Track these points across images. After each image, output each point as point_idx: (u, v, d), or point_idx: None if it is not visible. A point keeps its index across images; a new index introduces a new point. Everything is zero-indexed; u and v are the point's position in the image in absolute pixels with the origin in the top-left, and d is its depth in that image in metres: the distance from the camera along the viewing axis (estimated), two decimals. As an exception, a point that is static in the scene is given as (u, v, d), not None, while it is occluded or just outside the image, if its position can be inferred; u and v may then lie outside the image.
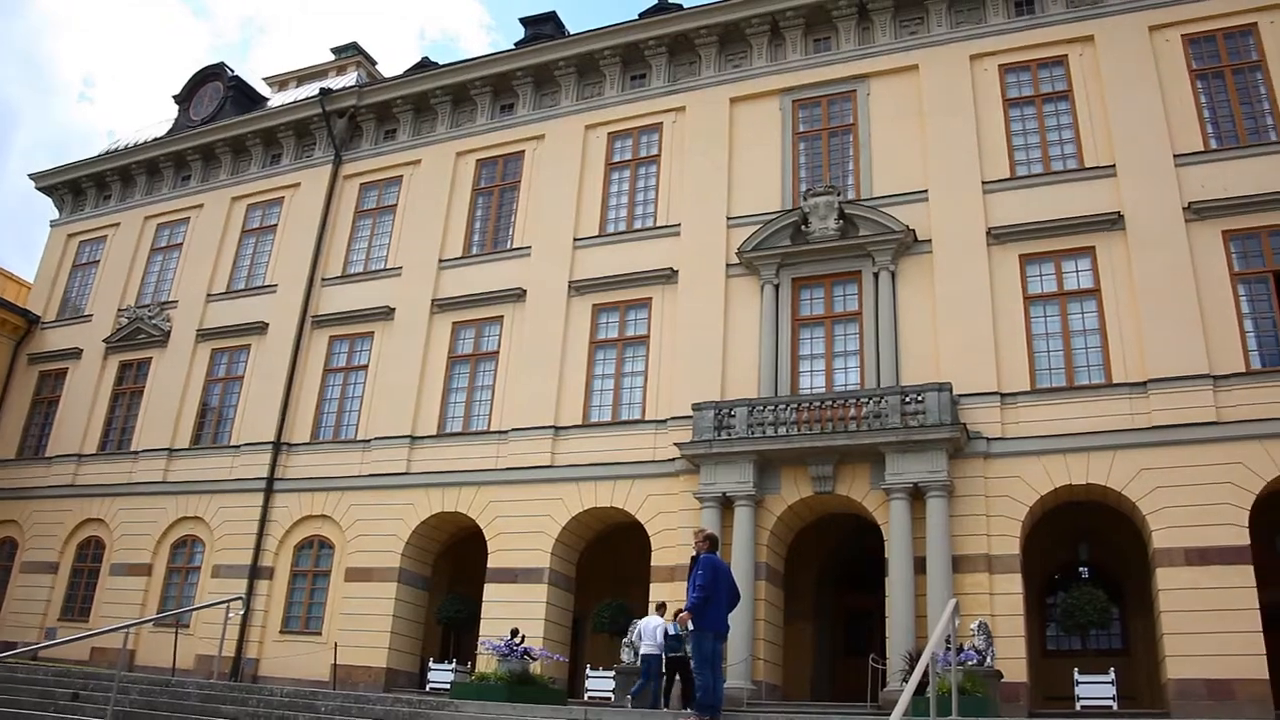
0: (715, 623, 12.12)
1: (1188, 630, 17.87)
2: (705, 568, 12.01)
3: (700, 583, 11.90)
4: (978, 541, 19.60)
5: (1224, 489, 18.55)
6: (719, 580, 12.08)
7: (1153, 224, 20.76)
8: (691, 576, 12.17)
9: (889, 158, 23.55)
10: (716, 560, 12.21)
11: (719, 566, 12.18)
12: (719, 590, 12.08)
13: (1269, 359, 19.61)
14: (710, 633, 12.06)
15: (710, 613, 11.98)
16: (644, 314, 24.28)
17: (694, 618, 11.88)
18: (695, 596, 11.87)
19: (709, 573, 11.96)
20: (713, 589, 11.92)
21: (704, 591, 11.84)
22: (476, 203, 27.87)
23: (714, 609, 12.02)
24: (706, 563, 12.06)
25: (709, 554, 12.20)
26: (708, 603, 11.89)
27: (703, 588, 11.86)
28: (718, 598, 12.07)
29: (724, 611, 12.27)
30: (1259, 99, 21.61)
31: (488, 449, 24.44)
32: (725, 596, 12.24)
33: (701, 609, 11.87)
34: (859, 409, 20.54)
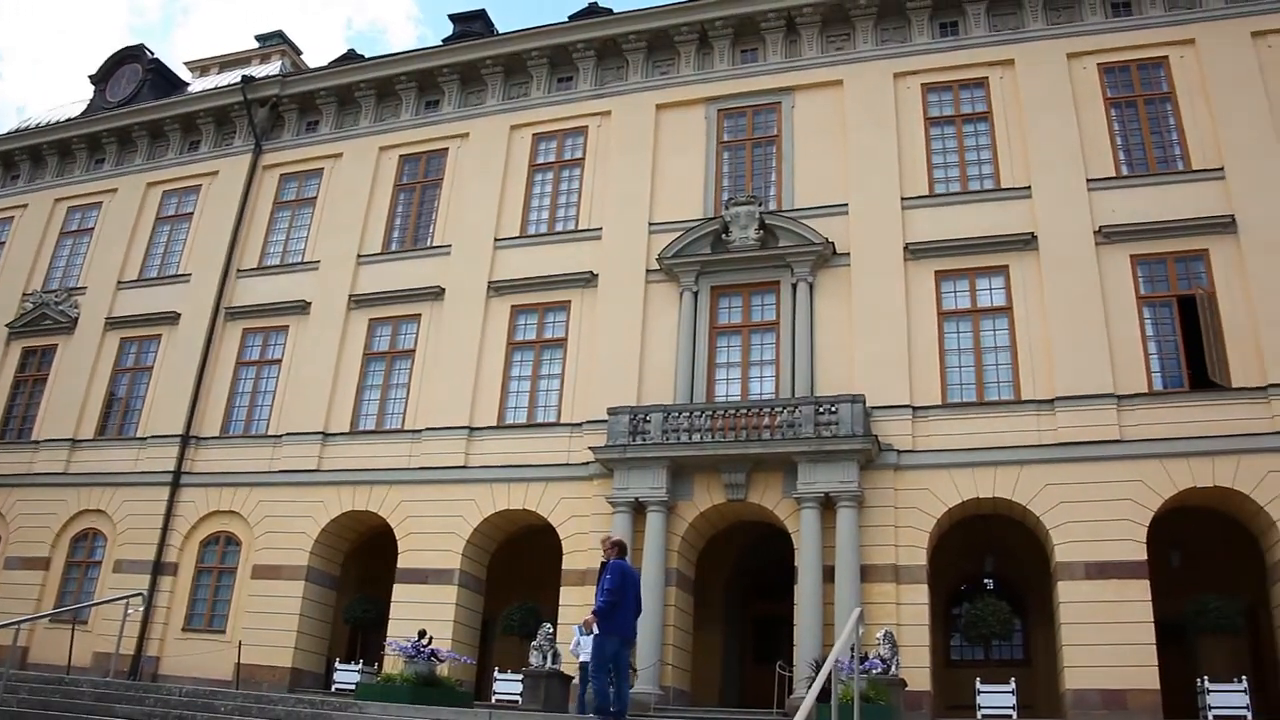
0: (621, 627, 12.22)
1: (1086, 642, 18.44)
2: (613, 573, 12.11)
3: (608, 587, 12.00)
4: (886, 552, 19.93)
5: (1124, 505, 19.15)
6: (626, 586, 12.18)
7: (1064, 245, 21.32)
8: (600, 582, 12.20)
9: (811, 170, 23.85)
10: (625, 566, 12.31)
11: (627, 572, 12.28)
12: (626, 596, 12.16)
13: (1170, 381, 20.28)
14: (615, 637, 12.13)
15: (617, 618, 12.07)
16: (562, 317, 24.24)
17: (600, 622, 11.92)
18: (602, 601, 11.95)
19: (617, 578, 12.07)
20: (620, 594, 12.03)
21: (611, 596, 11.93)
22: (398, 199, 27.58)
23: (621, 614, 12.13)
24: (615, 568, 12.16)
25: (618, 560, 12.28)
26: (615, 608, 11.98)
27: (610, 592, 11.95)
28: (625, 603, 12.17)
29: (631, 617, 12.38)
30: (1168, 129, 22.31)
31: (401, 448, 24.20)
32: (632, 602, 12.29)
33: (608, 614, 11.95)
34: (773, 418, 20.73)
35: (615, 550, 12.48)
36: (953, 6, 24.35)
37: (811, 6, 24.80)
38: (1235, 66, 22.03)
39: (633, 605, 12.38)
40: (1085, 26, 23.46)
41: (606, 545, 12.64)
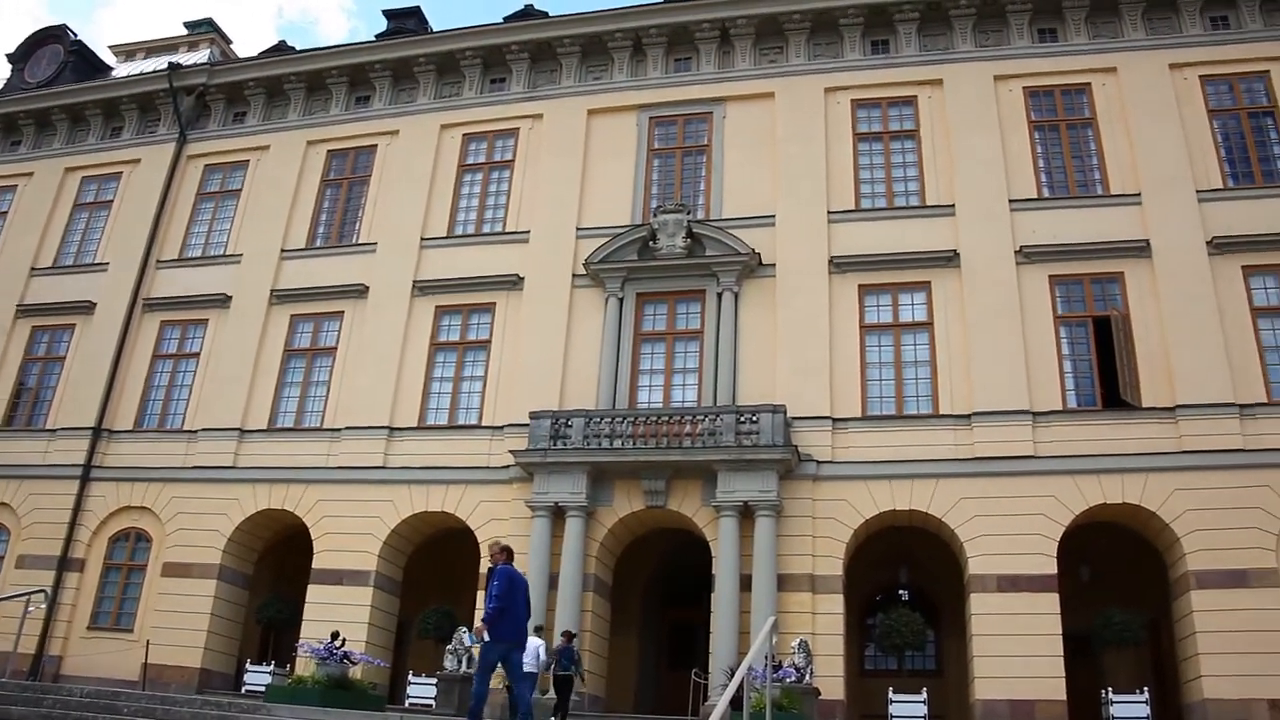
0: (510, 633, 12.16)
1: (996, 653, 18.86)
2: (500, 579, 12.06)
3: (496, 593, 11.93)
4: (803, 561, 20.15)
5: (1037, 520, 19.64)
6: (514, 591, 12.13)
7: (986, 264, 21.77)
8: (488, 588, 12.15)
9: (740, 181, 24.03)
10: (513, 572, 12.28)
11: (515, 578, 12.25)
12: (515, 601, 12.11)
13: (1084, 399, 20.81)
14: (503, 643, 12.09)
15: (505, 623, 12.01)
16: (487, 319, 24.12)
17: (489, 629, 11.87)
18: (492, 607, 11.89)
19: (504, 584, 12.01)
20: (508, 600, 11.96)
21: (500, 602, 11.87)
22: (324, 194, 27.21)
23: (509, 620, 12.05)
24: (502, 574, 12.12)
25: (505, 565, 12.24)
26: (503, 613, 11.91)
27: (498, 598, 11.89)
28: (513, 609, 12.10)
29: (520, 622, 12.33)
30: (1089, 153, 22.89)
31: (319, 446, 23.87)
32: (522, 607, 12.29)
33: (497, 619, 11.88)
34: (695, 426, 20.83)
35: (503, 555, 12.44)
36: (885, 25, 24.71)
37: (745, 18, 25.00)
38: (1154, 96, 22.69)
39: (522, 610, 12.34)
40: (1011, 50, 23.99)
41: (495, 550, 12.57)
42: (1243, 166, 22.24)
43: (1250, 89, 22.91)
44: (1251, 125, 22.60)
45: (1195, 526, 19.06)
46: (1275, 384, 20.16)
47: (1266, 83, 22.79)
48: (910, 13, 24.38)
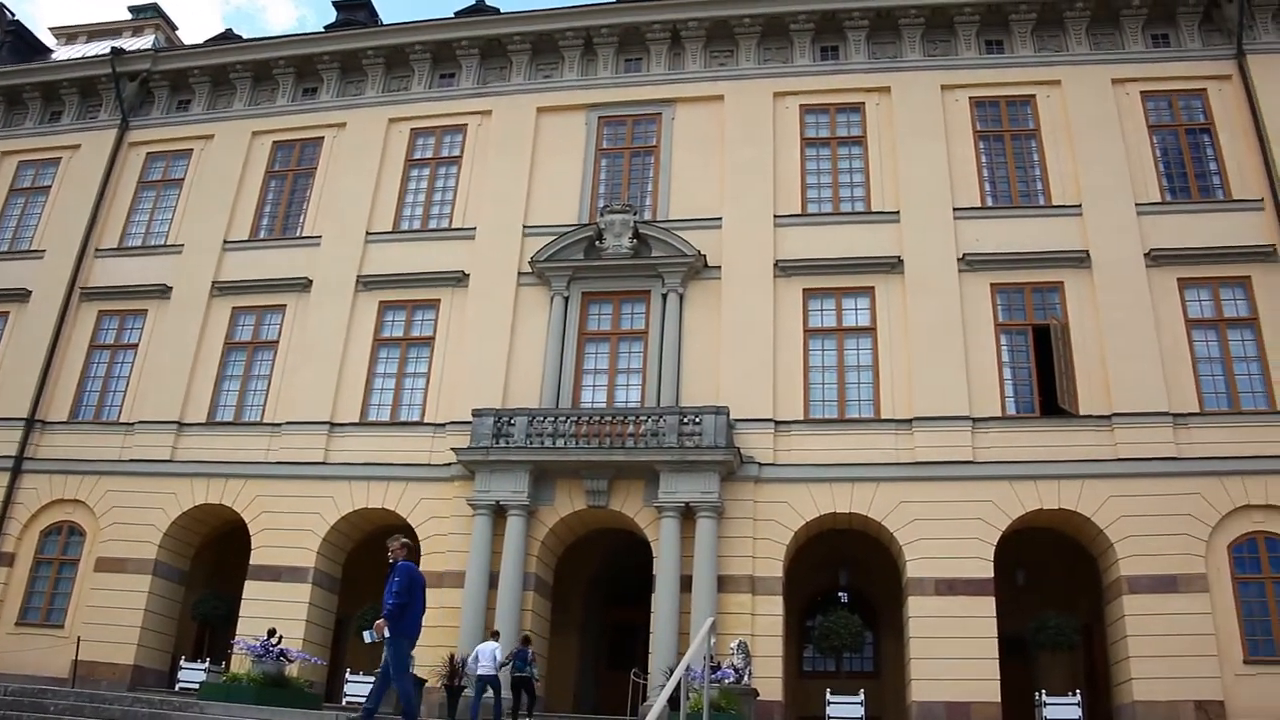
0: (411, 629, 12.20)
1: (933, 656, 19.13)
2: (402, 575, 12.02)
3: (396, 590, 11.91)
4: (743, 563, 20.27)
5: (974, 524, 19.96)
6: (415, 588, 12.14)
7: (929, 271, 22.03)
8: (388, 584, 12.15)
9: (688, 182, 24.13)
10: (413, 568, 12.29)
11: (415, 575, 12.25)
12: (415, 598, 12.15)
13: (1023, 406, 21.19)
14: (407, 639, 12.13)
15: (407, 619, 12.04)
16: (431, 315, 23.98)
17: (389, 625, 11.85)
18: (392, 604, 11.87)
19: (405, 580, 11.98)
20: (409, 596, 11.97)
21: (400, 599, 11.87)
22: (269, 185, 26.88)
23: (410, 616, 12.08)
24: (403, 570, 12.09)
25: (406, 562, 12.24)
26: (405, 609, 11.93)
27: (399, 595, 11.87)
28: (414, 605, 12.13)
29: (419, 619, 12.38)
30: (1032, 164, 23.27)
31: (259, 441, 23.58)
32: (420, 604, 12.33)
33: (399, 616, 11.89)
34: (638, 426, 20.87)
35: (404, 551, 12.42)
36: (835, 32, 24.92)
37: (697, 21, 25.07)
38: (1096, 110, 23.13)
39: (420, 607, 12.37)
40: (959, 60, 24.30)
41: (395, 546, 12.53)
42: (1180, 181, 22.74)
43: (1188, 106, 23.43)
44: (1189, 142, 23.13)
45: (1128, 532, 19.48)
46: (1207, 394, 20.67)
47: (1204, 101, 23.32)
48: (860, 20, 24.60)
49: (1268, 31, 23.44)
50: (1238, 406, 20.55)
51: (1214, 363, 20.97)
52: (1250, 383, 20.75)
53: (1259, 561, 19.37)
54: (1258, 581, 19.24)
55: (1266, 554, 19.40)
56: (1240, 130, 22.78)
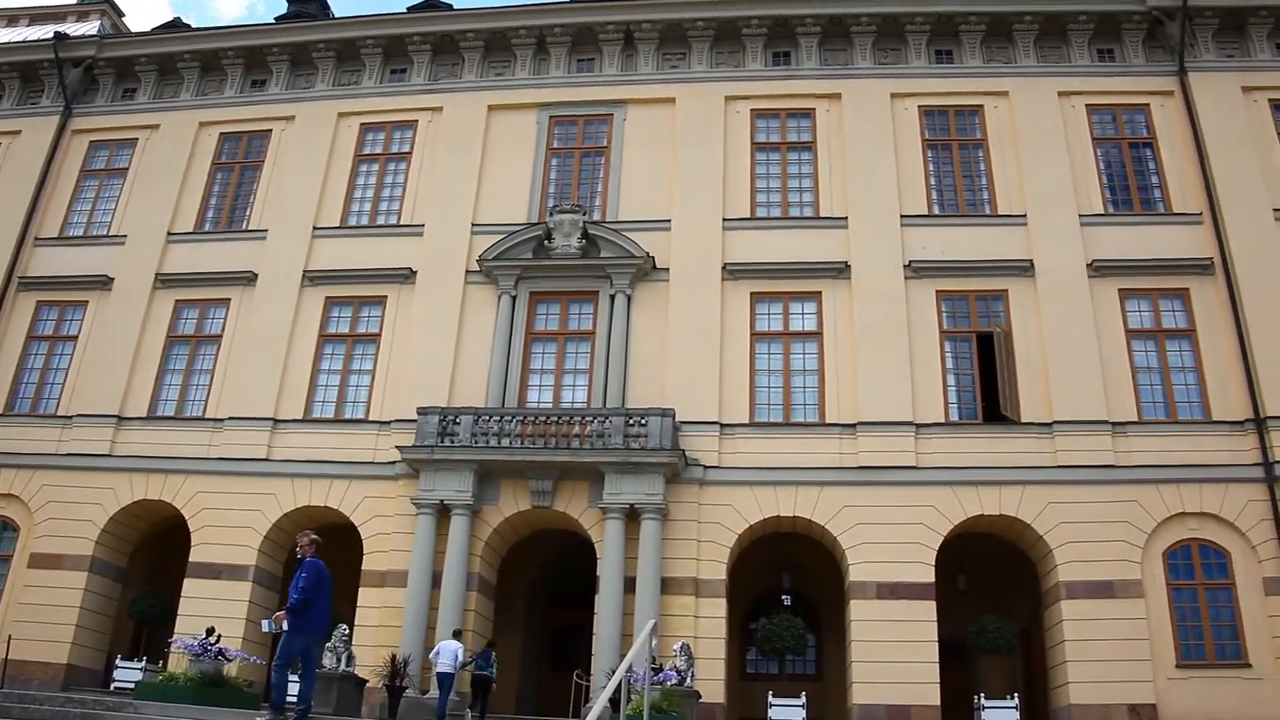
0: (316, 625, 12.26)
1: (874, 659, 19.33)
2: (310, 571, 12.13)
3: (303, 585, 11.99)
4: (687, 565, 20.33)
5: (916, 529, 20.19)
6: (322, 584, 12.21)
7: (876, 277, 22.25)
8: (295, 578, 12.17)
9: (638, 184, 24.16)
10: (321, 566, 12.35)
11: (323, 572, 12.31)
12: (321, 594, 12.18)
13: (965, 413, 21.46)
14: (305, 635, 12.18)
15: (310, 615, 12.07)
16: (378, 312, 23.79)
17: (291, 618, 11.89)
18: (297, 598, 11.95)
19: (313, 576, 12.10)
20: (315, 592, 12.04)
21: (306, 594, 11.94)
22: (215, 177, 26.46)
23: (315, 611, 12.13)
24: (311, 566, 12.18)
25: (315, 559, 12.28)
26: (309, 605, 11.98)
27: (305, 590, 11.95)
28: (319, 601, 12.16)
29: (325, 615, 12.42)
30: (979, 173, 23.57)
31: (200, 436, 23.22)
32: (326, 600, 12.35)
33: (302, 611, 11.94)
34: (583, 427, 20.85)
35: (313, 547, 12.49)
36: (787, 38, 25.06)
37: (650, 23, 25.10)
38: (1042, 121, 23.51)
39: (326, 604, 12.42)
40: (909, 69, 24.55)
41: (305, 542, 12.59)
42: (1122, 194, 23.15)
43: (1132, 120, 23.86)
44: (1132, 155, 23.57)
45: (1067, 539, 19.81)
46: (1146, 404, 21.09)
47: (1147, 115, 23.77)
48: (812, 27, 24.76)
49: (1208, 50, 23.94)
50: (1175, 416, 20.97)
51: (1152, 373, 21.37)
52: (1187, 393, 21.19)
53: (1192, 568, 19.81)
54: (1191, 588, 19.66)
55: (1200, 561, 19.84)
56: (1181, 145, 23.24)
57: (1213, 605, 19.52)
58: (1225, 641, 19.24)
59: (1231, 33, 24.13)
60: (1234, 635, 19.23)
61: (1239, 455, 20.36)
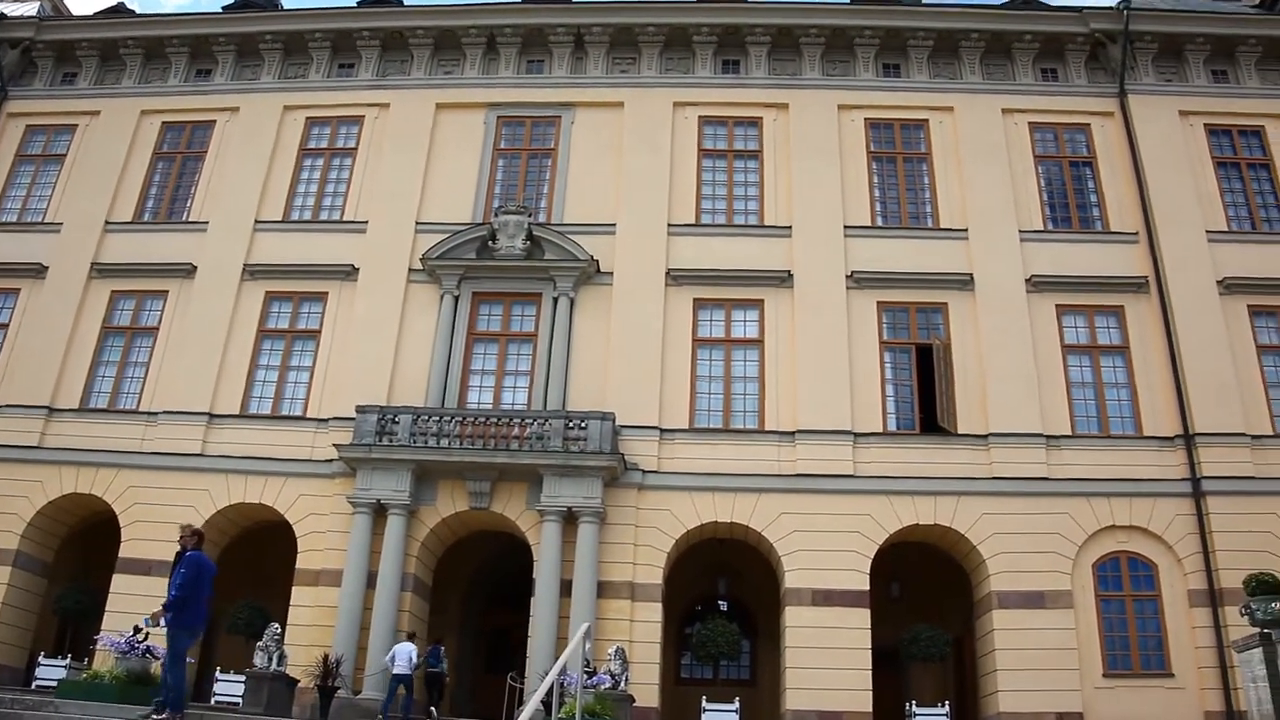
0: (195, 621, 12.03)
1: (808, 665, 19.48)
2: (189, 565, 11.84)
3: (180, 581, 11.74)
4: (624, 569, 20.34)
5: (852, 537, 20.39)
6: (202, 578, 11.95)
7: (818, 286, 22.46)
8: (173, 574, 11.95)
9: (584, 187, 24.15)
10: (201, 558, 12.08)
11: (203, 564, 12.05)
12: (200, 588, 11.96)
13: (903, 423, 21.70)
14: (187, 630, 11.98)
15: (191, 610, 11.86)
16: (318, 308, 23.52)
17: (173, 614, 11.64)
18: (175, 594, 11.71)
19: (193, 570, 11.81)
20: (194, 587, 11.79)
21: (184, 590, 11.71)
22: (156, 167, 26.00)
23: (194, 606, 11.91)
24: (191, 560, 11.89)
25: (195, 551, 12.02)
26: (188, 601, 11.75)
27: (183, 586, 11.71)
28: (198, 596, 11.95)
29: (204, 610, 12.21)
30: (922, 187, 23.89)
31: (134, 430, 22.76)
32: (206, 595, 12.16)
33: (181, 606, 11.71)
34: (523, 429, 20.80)
35: (194, 539, 12.22)
36: (737, 46, 25.21)
37: (601, 26, 25.12)
38: (986, 137, 23.92)
39: (206, 597, 12.21)
40: (857, 82, 24.82)
41: (186, 534, 12.29)
42: (1062, 211, 23.60)
43: (1073, 139, 24.34)
44: (1072, 174, 24.03)
45: (1000, 549, 20.13)
46: (1080, 418, 21.50)
47: (1088, 135, 24.26)
48: (762, 36, 24.93)
49: (1148, 74, 24.47)
50: (1107, 431, 21.38)
51: (1087, 387, 21.79)
52: (1120, 408, 21.62)
53: (1121, 580, 20.22)
54: (1119, 599, 20.06)
55: (1128, 573, 20.26)
56: (1120, 165, 23.73)
57: (1139, 616, 19.95)
58: (1150, 652, 19.68)
59: (1170, 58, 24.71)
60: (1159, 646, 19.69)
61: (1168, 470, 20.83)
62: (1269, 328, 22.14)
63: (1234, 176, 23.90)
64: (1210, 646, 19.29)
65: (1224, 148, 24.14)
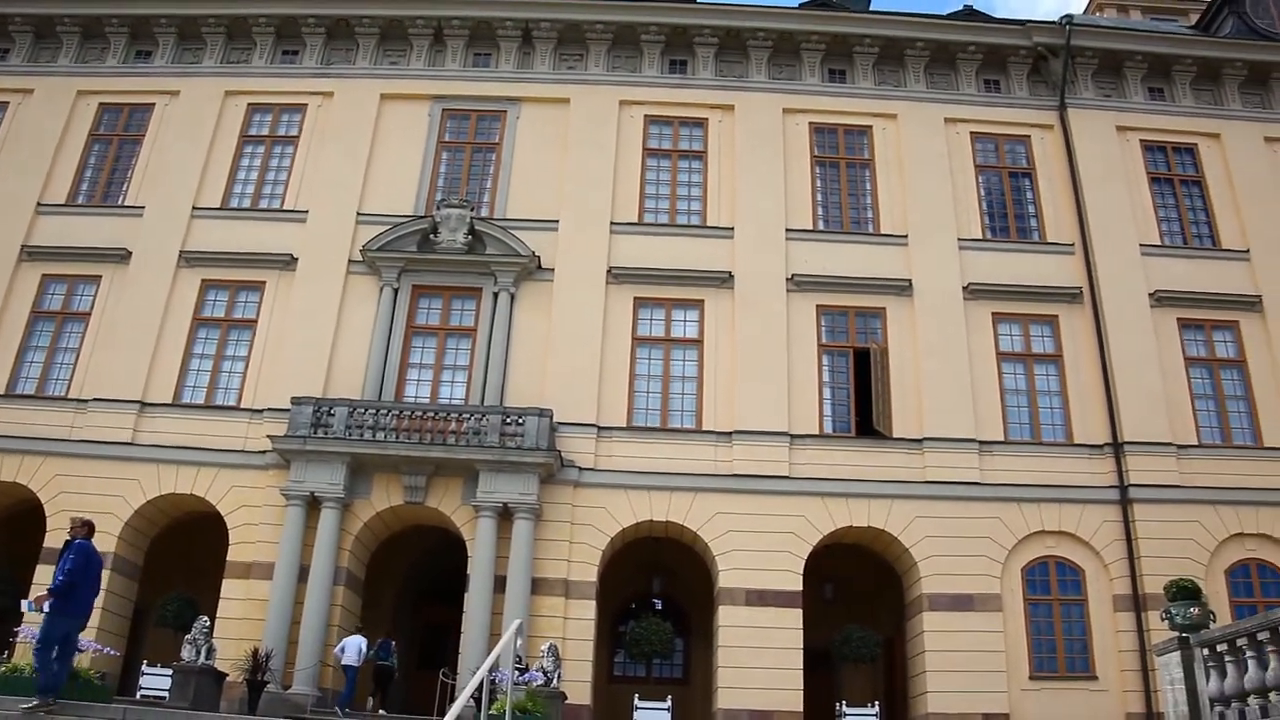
0: (78, 609, 12.11)
1: (740, 665, 19.61)
2: (77, 553, 11.95)
3: (69, 567, 11.83)
4: (558, 566, 20.33)
5: (786, 538, 20.56)
6: (89, 567, 12.08)
7: (758, 289, 22.61)
8: (61, 561, 12.02)
9: (527, 183, 24.08)
10: (89, 547, 12.17)
11: (91, 554, 12.16)
12: (88, 577, 12.08)
13: (839, 426, 21.93)
14: (69, 618, 12.03)
15: (75, 598, 11.96)
16: (255, 297, 23.18)
17: (55, 600, 11.75)
18: (61, 580, 11.80)
19: (80, 559, 11.92)
20: (81, 575, 11.90)
21: (72, 577, 11.80)
22: (92, 149, 25.40)
23: (81, 594, 12.02)
24: (80, 549, 12.00)
25: (84, 540, 12.13)
26: (74, 588, 11.86)
27: (71, 573, 11.80)
28: (85, 584, 12.06)
29: (89, 599, 12.31)
30: (864, 193, 24.15)
31: (63, 417, 22.21)
32: (93, 584, 12.25)
33: (66, 593, 11.81)
34: (460, 424, 20.69)
35: (84, 530, 12.33)
36: (684, 46, 25.29)
37: (549, 22, 25.05)
38: (928, 145, 24.26)
39: (93, 587, 12.32)
40: (803, 86, 25.02)
41: (76, 524, 12.43)
42: (1000, 221, 23.97)
43: (1013, 150, 24.74)
44: (1012, 184, 24.44)
45: (932, 552, 20.40)
46: (1012, 424, 21.86)
47: (1028, 147, 24.68)
48: (710, 38, 25.02)
49: (1087, 88, 24.93)
50: (1039, 438, 21.76)
51: (1020, 395, 22.17)
52: (1051, 415, 22.02)
53: (1049, 584, 20.60)
54: (1046, 603, 20.46)
55: (1056, 577, 20.64)
56: (1058, 178, 24.16)
57: (1066, 620, 20.35)
58: (1076, 655, 20.10)
59: (1110, 74, 25.20)
60: (1084, 649, 20.11)
61: (1097, 477, 21.26)
62: (1197, 340, 22.68)
63: (1167, 192, 24.45)
64: (1133, 650, 19.76)
65: (1159, 164, 24.69)
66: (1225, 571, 20.50)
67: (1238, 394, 22.30)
